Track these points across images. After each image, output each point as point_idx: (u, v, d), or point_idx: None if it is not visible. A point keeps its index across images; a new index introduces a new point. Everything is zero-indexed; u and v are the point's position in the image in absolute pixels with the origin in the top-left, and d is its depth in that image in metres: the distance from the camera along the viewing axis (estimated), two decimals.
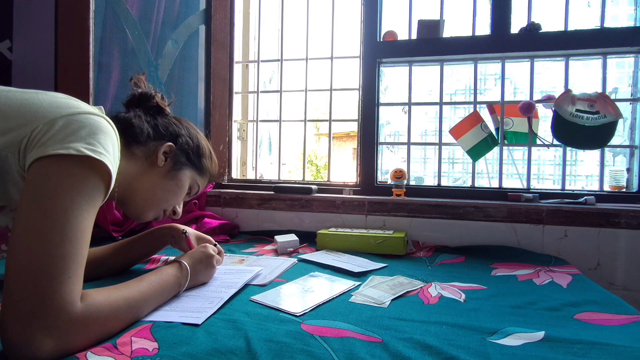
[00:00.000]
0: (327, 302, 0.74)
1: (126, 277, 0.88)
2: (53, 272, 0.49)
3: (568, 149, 1.40)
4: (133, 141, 0.74)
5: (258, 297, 0.75)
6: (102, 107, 0.66)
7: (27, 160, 0.54)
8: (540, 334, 0.60)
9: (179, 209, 0.86)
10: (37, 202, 0.51)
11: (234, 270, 0.90)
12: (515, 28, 1.41)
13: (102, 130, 0.57)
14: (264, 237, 1.41)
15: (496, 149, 1.44)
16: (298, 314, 0.67)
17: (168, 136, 0.79)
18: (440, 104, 1.51)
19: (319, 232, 1.27)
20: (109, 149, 0.57)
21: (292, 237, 1.25)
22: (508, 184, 1.47)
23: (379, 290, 0.81)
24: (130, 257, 0.92)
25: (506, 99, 1.44)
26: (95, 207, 0.56)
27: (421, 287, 0.86)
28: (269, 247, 1.28)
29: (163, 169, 0.78)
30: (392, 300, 0.76)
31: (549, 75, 1.65)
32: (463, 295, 0.81)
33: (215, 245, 0.91)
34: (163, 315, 0.64)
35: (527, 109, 1.36)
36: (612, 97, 1.33)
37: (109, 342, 0.53)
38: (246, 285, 0.82)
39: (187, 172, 0.82)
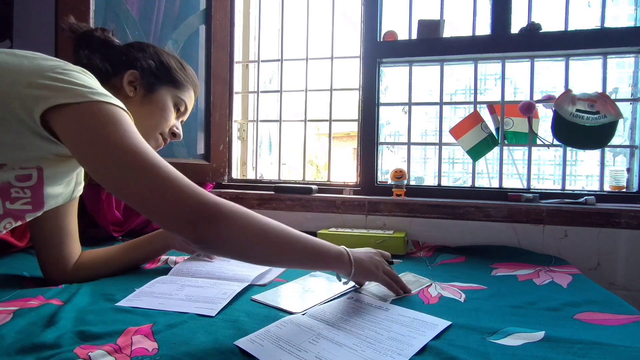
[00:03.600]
0: (327, 301, 0.74)
1: (130, 277, 0.88)
2: (174, 180, 0.55)
3: (568, 149, 1.40)
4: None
5: (259, 297, 0.75)
6: None
7: (36, 112, 0.56)
8: (540, 334, 0.60)
9: (178, 130, 0.85)
10: (103, 147, 0.55)
11: (244, 266, 0.92)
12: (515, 28, 1.41)
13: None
14: None
15: (496, 149, 1.44)
16: (299, 314, 0.67)
17: (126, 65, 0.77)
18: (441, 104, 1.51)
19: (319, 232, 1.27)
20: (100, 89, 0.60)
21: None
22: (508, 184, 1.47)
23: (383, 288, 0.81)
24: (135, 258, 0.92)
25: (506, 99, 1.44)
26: (134, 126, 0.60)
27: (427, 285, 0.86)
28: None
29: (137, 97, 0.77)
30: (394, 299, 0.76)
31: (549, 75, 1.65)
32: (463, 295, 0.81)
33: None
34: (179, 305, 0.69)
35: (528, 109, 1.36)
36: (613, 97, 1.33)
37: (110, 343, 0.53)
38: (248, 285, 0.82)
39: (163, 91, 0.79)
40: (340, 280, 0.77)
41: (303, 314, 0.67)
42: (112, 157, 0.55)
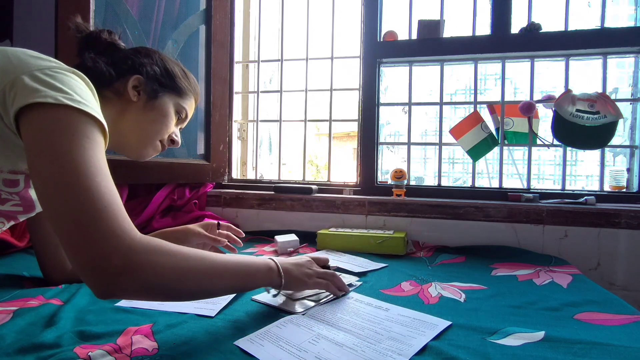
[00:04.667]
0: (328, 301, 0.74)
1: None
2: (99, 212, 0.48)
3: (568, 149, 1.40)
4: (99, 86, 0.68)
5: (259, 297, 0.75)
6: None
7: (11, 112, 0.53)
8: (540, 334, 0.60)
9: (177, 138, 0.85)
10: (48, 157, 0.50)
11: None
12: (515, 28, 1.41)
13: (73, 79, 0.57)
14: (264, 237, 1.41)
15: (496, 149, 1.44)
16: (299, 314, 0.67)
17: (131, 70, 0.77)
18: (441, 104, 1.51)
19: (319, 232, 1.27)
20: (84, 96, 0.56)
21: (293, 237, 1.25)
22: (508, 184, 1.47)
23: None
24: None
25: (506, 99, 1.44)
26: (100, 145, 0.55)
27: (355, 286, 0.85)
28: (269, 247, 1.28)
29: (140, 102, 0.76)
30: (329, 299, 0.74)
31: (549, 75, 1.65)
32: (463, 295, 0.81)
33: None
34: (179, 305, 0.68)
35: (528, 109, 1.36)
36: (613, 97, 1.33)
37: (110, 343, 0.53)
38: None
39: (166, 98, 0.79)
40: (268, 293, 0.73)
41: (303, 314, 0.67)
42: (51, 170, 0.49)
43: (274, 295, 0.73)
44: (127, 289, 0.48)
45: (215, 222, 0.94)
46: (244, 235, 0.99)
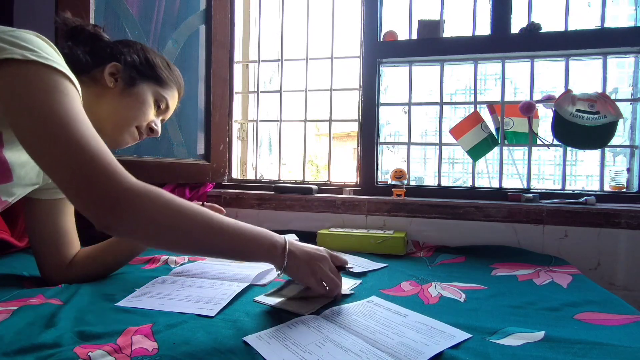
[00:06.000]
0: (328, 302, 0.74)
1: (130, 277, 0.88)
2: (91, 157, 0.54)
3: (568, 149, 1.40)
4: (75, 72, 0.68)
5: (261, 298, 0.74)
6: None
7: None
8: (540, 334, 0.60)
9: (156, 127, 0.84)
10: (31, 113, 0.54)
11: (244, 266, 0.92)
12: (515, 28, 1.41)
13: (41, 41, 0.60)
14: None
15: (496, 149, 1.44)
16: (305, 314, 0.66)
17: (110, 57, 0.78)
18: (441, 104, 1.51)
19: (319, 232, 1.27)
20: (52, 55, 0.59)
21: (292, 237, 1.25)
22: (508, 184, 1.47)
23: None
24: (120, 252, 0.87)
25: (506, 99, 1.44)
26: (76, 98, 0.59)
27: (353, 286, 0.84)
28: None
29: (117, 89, 0.77)
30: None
31: (549, 75, 1.65)
32: (463, 295, 0.81)
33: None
34: (179, 305, 0.68)
35: (528, 109, 1.36)
36: (613, 97, 1.33)
37: (110, 343, 0.53)
38: (248, 286, 0.82)
39: (144, 86, 0.80)
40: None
41: (317, 315, 0.66)
42: (35, 126, 0.54)
43: (279, 275, 0.68)
44: (120, 222, 0.54)
45: (199, 202, 0.91)
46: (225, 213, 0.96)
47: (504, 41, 1.41)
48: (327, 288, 0.70)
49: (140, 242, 0.59)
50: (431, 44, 1.48)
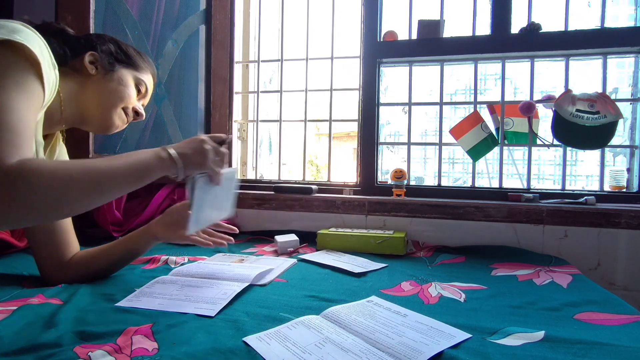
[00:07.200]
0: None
1: (130, 277, 0.88)
2: None
3: (568, 149, 1.40)
4: (58, 64, 0.70)
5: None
6: None
7: None
8: (540, 334, 0.60)
9: (141, 110, 0.88)
10: None
11: (244, 266, 0.92)
12: (515, 28, 1.41)
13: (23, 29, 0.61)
14: (264, 237, 1.41)
15: (496, 149, 1.44)
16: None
17: (85, 47, 0.80)
18: (441, 104, 1.51)
19: (319, 232, 1.27)
20: (30, 39, 0.60)
21: (292, 237, 1.25)
22: (508, 184, 1.47)
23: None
24: (119, 253, 0.87)
25: (506, 99, 1.44)
26: (27, 91, 0.59)
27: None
28: (269, 247, 1.28)
29: (99, 75, 0.80)
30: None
31: (549, 75, 1.65)
32: (463, 295, 0.81)
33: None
34: (179, 305, 0.69)
35: (528, 109, 1.36)
36: (613, 97, 1.33)
37: (110, 343, 0.53)
38: (248, 286, 0.82)
39: (123, 70, 0.83)
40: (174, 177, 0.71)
41: (318, 315, 0.66)
42: None
43: (177, 179, 0.70)
44: (11, 202, 0.50)
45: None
46: (237, 231, 0.95)
47: (504, 41, 1.41)
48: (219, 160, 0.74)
49: (38, 219, 0.58)
50: (431, 44, 1.48)
